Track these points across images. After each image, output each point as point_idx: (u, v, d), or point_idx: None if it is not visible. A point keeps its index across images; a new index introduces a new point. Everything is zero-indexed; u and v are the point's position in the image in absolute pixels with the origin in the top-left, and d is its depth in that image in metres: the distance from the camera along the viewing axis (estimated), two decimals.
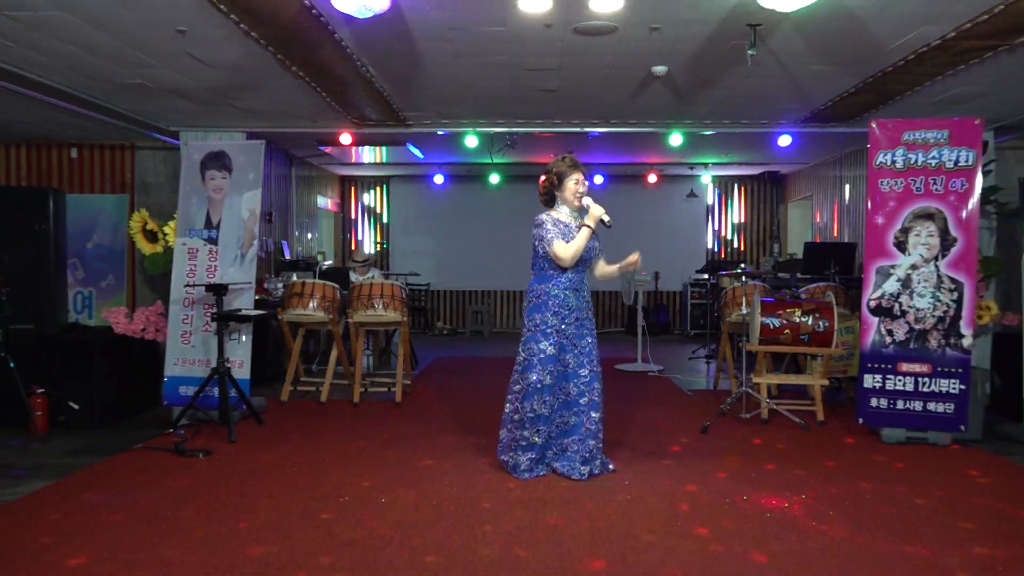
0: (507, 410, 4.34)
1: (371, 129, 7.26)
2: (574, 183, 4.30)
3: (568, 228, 4.27)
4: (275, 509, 3.72)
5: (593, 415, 4.23)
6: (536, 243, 4.28)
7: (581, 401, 4.23)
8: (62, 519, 3.59)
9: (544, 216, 4.32)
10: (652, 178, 11.74)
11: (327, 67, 5.20)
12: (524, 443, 4.23)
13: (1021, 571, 3.04)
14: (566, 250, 4.19)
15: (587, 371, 4.25)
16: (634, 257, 4.36)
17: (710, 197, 12.68)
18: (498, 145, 8.68)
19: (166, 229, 6.00)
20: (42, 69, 5.18)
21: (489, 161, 10.17)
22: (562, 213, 4.33)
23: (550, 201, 4.41)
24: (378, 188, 12.82)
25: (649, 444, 5.06)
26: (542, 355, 4.20)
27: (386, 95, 6.06)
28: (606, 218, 4.20)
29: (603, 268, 4.49)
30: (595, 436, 4.25)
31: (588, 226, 4.21)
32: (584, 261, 4.30)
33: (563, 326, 4.24)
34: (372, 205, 12.84)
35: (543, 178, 4.44)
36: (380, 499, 3.87)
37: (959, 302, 5.06)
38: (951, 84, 5.47)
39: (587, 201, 4.29)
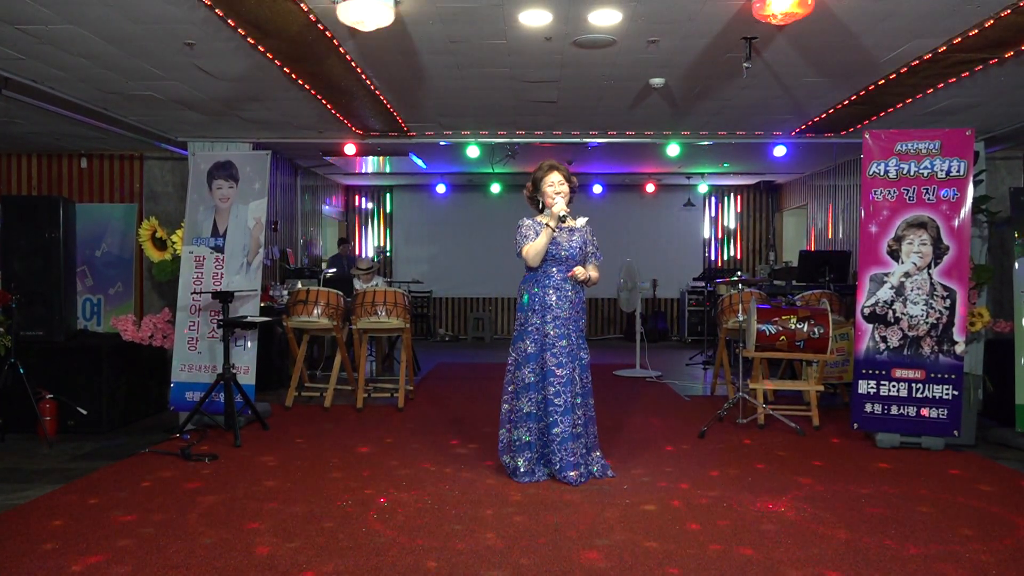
0: (504, 409, 4.45)
1: (375, 139, 7.37)
2: (548, 185, 4.39)
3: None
4: (279, 513, 3.78)
5: (572, 417, 4.23)
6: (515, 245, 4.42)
7: (556, 402, 4.23)
8: (70, 523, 3.64)
9: (525, 220, 4.43)
10: (650, 188, 11.88)
11: (332, 79, 5.30)
12: (518, 443, 4.32)
13: (1013, 574, 3.11)
14: (527, 250, 4.32)
15: (564, 372, 4.25)
16: (579, 271, 4.37)
17: (707, 206, 12.80)
18: (499, 155, 8.79)
19: (174, 238, 6.10)
20: (54, 81, 5.28)
21: (490, 171, 10.28)
22: (546, 216, 4.40)
23: (537, 206, 4.50)
24: (382, 197, 12.94)
25: (647, 449, 5.14)
26: (524, 354, 4.32)
27: (390, 106, 6.16)
28: (562, 213, 4.27)
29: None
30: (576, 439, 4.26)
31: (548, 225, 4.28)
32: (561, 261, 4.34)
33: (544, 325, 4.31)
34: (375, 214, 12.96)
35: (527, 186, 4.55)
36: (383, 503, 3.95)
37: (952, 309, 5.14)
38: (942, 96, 5.57)
39: (555, 200, 4.33)
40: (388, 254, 12.95)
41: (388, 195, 12.94)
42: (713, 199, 12.77)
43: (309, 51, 4.67)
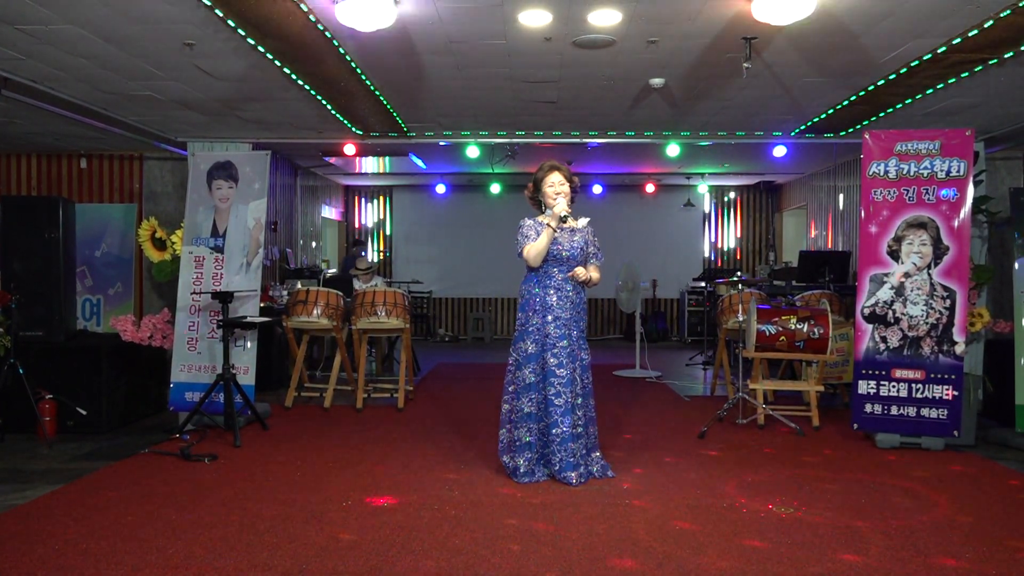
0: (504, 409, 4.45)
1: (374, 140, 7.37)
2: (548, 186, 4.39)
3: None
4: (279, 513, 3.78)
5: (572, 417, 4.23)
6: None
7: (557, 402, 4.23)
8: (70, 523, 3.64)
9: (526, 220, 4.43)
10: (650, 188, 11.88)
11: (332, 79, 5.30)
12: (519, 443, 4.32)
13: (1012, 572, 3.11)
14: (528, 251, 4.32)
15: (565, 372, 4.25)
16: (580, 271, 4.35)
17: (707, 207, 12.79)
18: (499, 155, 8.79)
19: (174, 238, 6.10)
20: (53, 81, 5.28)
21: (490, 171, 10.28)
22: (548, 217, 4.38)
23: (538, 207, 4.50)
24: (381, 198, 12.95)
25: (647, 449, 5.13)
26: (524, 354, 4.32)
27: (389, 107, 6.16)
28: (563, 214, 4.27)
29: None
30: (576, 439, 4.26)
31: (549, 225, 4.28)
32: (562, 261, 4.33)
33: (545, 326, 4.30)
34: (375, 214, 12.97)
35: (528, 186, 4.55)
36: (382, 503, 3.95)
37: (952, 309, 5.14)
38: (942, 96, 5.57)
39: (556, 200, 4.33)
40: (388, 254, 12.96)
41: (388, 195, 12.94)
42: (713, 199, 12.77)
43: (309, 51, 4.67)
